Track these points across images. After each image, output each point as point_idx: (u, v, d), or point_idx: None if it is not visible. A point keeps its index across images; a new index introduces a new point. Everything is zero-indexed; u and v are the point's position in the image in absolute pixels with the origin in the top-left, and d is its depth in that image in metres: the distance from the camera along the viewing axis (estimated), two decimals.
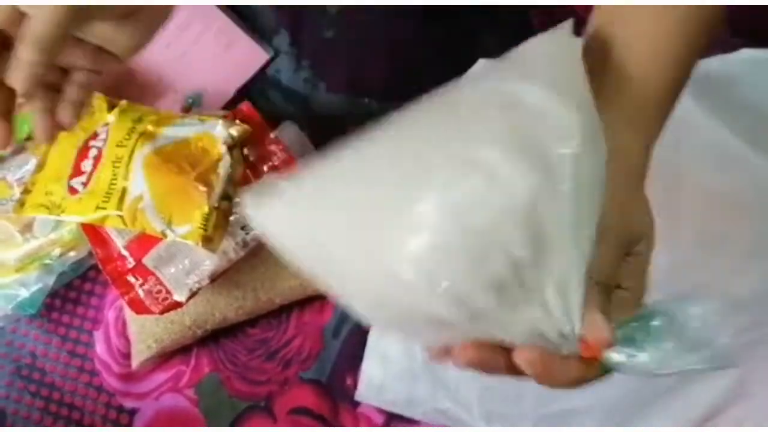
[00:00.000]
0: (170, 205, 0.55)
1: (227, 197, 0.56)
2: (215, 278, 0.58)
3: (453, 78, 0.63)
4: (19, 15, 0.40)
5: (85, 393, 0.62)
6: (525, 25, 0.69)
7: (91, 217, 0.56)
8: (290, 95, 0.68)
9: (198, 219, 0.54)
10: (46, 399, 0.63)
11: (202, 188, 0.55)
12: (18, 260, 0.60)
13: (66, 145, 0.58)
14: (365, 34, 0.69)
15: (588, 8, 0.68)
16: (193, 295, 0.57)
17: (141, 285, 0.57)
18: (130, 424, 0.62)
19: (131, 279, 0.57)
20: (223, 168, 0.56)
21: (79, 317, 0.64)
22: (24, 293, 0.60)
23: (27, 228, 0.60)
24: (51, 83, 0.44)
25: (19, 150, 0.63)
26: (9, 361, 0.63)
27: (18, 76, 0.40)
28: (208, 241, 0.54)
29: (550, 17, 0.69)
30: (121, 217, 0.55)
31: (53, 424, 0.62)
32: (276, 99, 0.68)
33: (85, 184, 0.56)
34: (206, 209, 0.54)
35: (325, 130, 0.66)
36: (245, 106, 0.63)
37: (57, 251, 0.61)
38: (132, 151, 0.56)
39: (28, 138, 0.62)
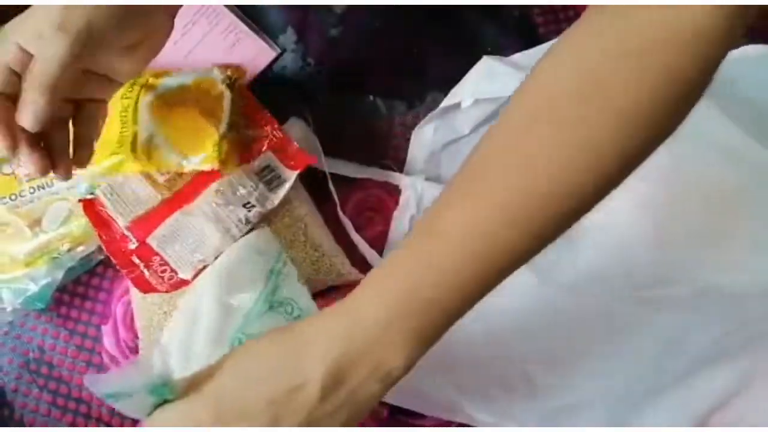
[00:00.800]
0: (181, 139, 0.57)
1: (234, 127, 0.59)
2: (219, 255, 0.58)
3: (456, 76, 0.64)
4: (27, 56, 0.41)
5: None
6: (527, 23, 0.70)
7: (106, 164, 0.57)
8: (296, 93, 0.69)
9: (210, 147, 0.56)
10: (54, 392, 0.63)
11: (210, 119, 0.57)
12: (27, 254, 0.60)
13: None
14: (370, 33, 0.70)
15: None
16: (198, 272, 0.57)
17: (146, 265, 0.58)
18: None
19: (135, 259, 0.58)
20: (226, 100, 0.59)
21: (87, 312, 0.65)
22: (33, 288, 0.60)
23: (36, 222, 0.61)
24: (65, 117, 0.46)
25: None
26: (17, 355, 0.64)
27: (26, 117, 0.42)
28: (223, 165, 0.57)
29: (552, 15, 0.70)
30: (136, 158, 0.56)
31: (61, 418, 0.62)
32: (281, 96, 0.69)
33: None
34: (216, 137, 0.57)
35: (331, 127, 0.67)
36: (242, 89, 0.64)
37: (66, 246, 0.61)
38: (136, 101, 0.58)
39: None
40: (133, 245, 0.57)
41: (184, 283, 0.57)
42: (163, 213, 0.58)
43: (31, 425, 0.62)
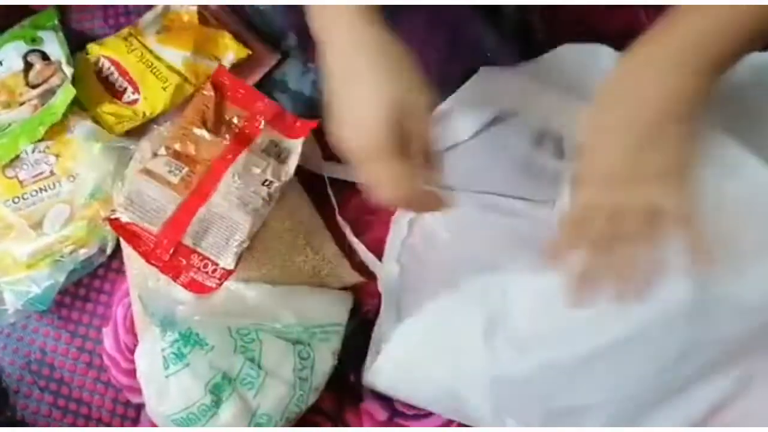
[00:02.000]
0: (208, 48, 0.69)
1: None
2: (252, 236, 0.59)
3: (456, 80, 0.64)
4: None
5: (93, 388, 0.63)
6: (526, 29, 0.70)
7: (167, 97, 0.67)
8: (298, 97, 0.69)
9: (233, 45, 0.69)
10: (55, 393, 0.63)
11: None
12: (30, 256, 0.61)
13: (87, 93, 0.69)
14: None
15: (588, 8, 0.69)
16: (239, 259, 0.58)
17: (187, 265, 0.58)
18: (136, 419, 0.62)
19: (176, 262, 0.58)
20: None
21: (88, 314, 0.65)
22: (35, 290, 0.61)
23: (37, 225, 0.61)
24: None
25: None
26: (19, 357, 0.64)
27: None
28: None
29: (552, 22, 0.70)
30: (186, 80, 0.67)
31: (62, 419, 0.63)
32: (283, 101, 0.69)
33: (136, 92, 0.68)
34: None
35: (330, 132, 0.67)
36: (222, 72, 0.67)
37: (68, 248, 0.61)
38: (149, 52, 0.68)
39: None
40: (170, 249, 0.58)
41: (229, 273, 0.58)
42: (188, 211, 0.59)
43: (32, 426, 0.63)
